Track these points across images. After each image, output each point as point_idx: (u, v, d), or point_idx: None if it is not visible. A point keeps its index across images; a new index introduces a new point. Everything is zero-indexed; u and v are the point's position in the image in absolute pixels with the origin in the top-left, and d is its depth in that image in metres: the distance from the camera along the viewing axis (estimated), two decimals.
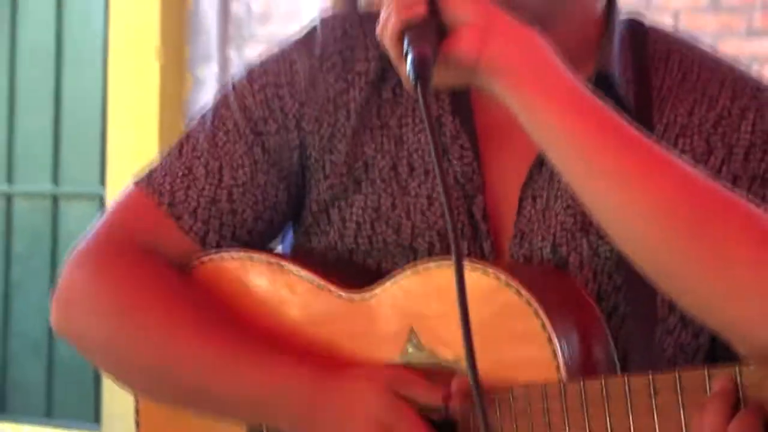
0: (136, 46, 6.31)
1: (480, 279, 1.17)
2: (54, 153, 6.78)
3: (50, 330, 5.33)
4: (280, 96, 1.35)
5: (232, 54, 6.32)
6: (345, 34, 1.36)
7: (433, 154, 1.10)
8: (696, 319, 1.16)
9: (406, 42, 1.10)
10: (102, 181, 6.50)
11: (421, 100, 1.08)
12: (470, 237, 1.29)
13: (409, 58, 1.09)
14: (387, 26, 1.13)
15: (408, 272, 1.23)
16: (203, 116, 1.39)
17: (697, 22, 5.47)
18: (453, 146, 1.30)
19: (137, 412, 1.40)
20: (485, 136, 1.30)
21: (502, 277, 1.17)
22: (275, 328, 1.28)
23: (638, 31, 1.36)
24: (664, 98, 1.32)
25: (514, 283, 1.16)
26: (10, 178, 6.91)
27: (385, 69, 1.30)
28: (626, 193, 1.10)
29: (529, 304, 1.15)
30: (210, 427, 1.35)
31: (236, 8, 6.34)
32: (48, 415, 6.72)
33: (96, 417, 6.30)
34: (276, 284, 1.31)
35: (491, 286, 1.17)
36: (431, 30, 1.12)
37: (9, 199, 6.92)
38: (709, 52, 1.38)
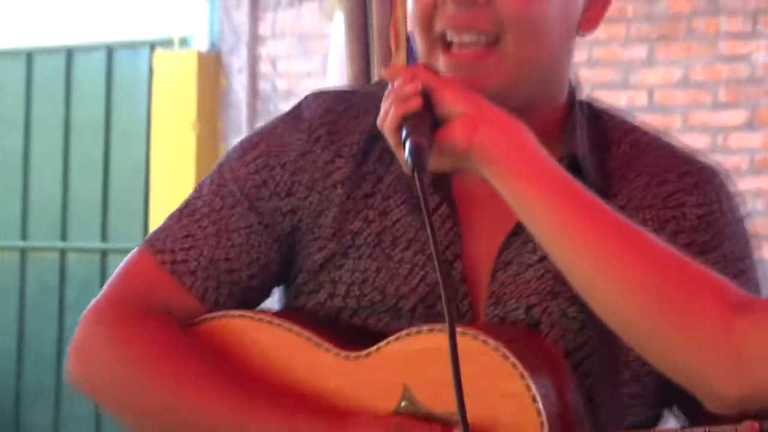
0: (175, 120, 6.36)
1: (469, 342, 1.13)
2: (103, 213, 6.79)
3: None
4: (271, 166, 1.31)
5: (259, 125, 6.44)
6: (331, 109, 1.34)
7: (430, 238, 1.07)
8: (666, 375, 1.11)
9: (404, 132, 1.10)
10: (145, 237, 6.52)
11: (418, 185, 1.07)
12: (454, 301, 1.26)
13: (407, 146, 1.08)
14: (387, 117, 1.13)
15: (403, 335, 1.19)
16: (201, 184, 1.37)
17: (670, 97, 5.50)
18: (434, 215, 1.24)
19: None
20: (463, 206, 1.28)
21: (490, 341, 1.14)
22: (277, 382, 1.24)
23: (594, 114, 1.34)
24: (622, 176, 1.30)
25: (501, 347, 1.13)
26: (64, 236, 6.89)
27: (368, 143, 1.29)
28: (601, 264, 1.08)
29: (515, 367, 1.12)
30: None
31: (263, 86, 6.42)
32: None
33: None
34: (276, 341, 1.26)
35: (480, 349, 1.14)
36: (426, 121, 1.11)
37: (63, 253, 6.91)
38: (656, 134, 1.36)
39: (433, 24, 1.23)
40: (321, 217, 1.30)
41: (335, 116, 1.32)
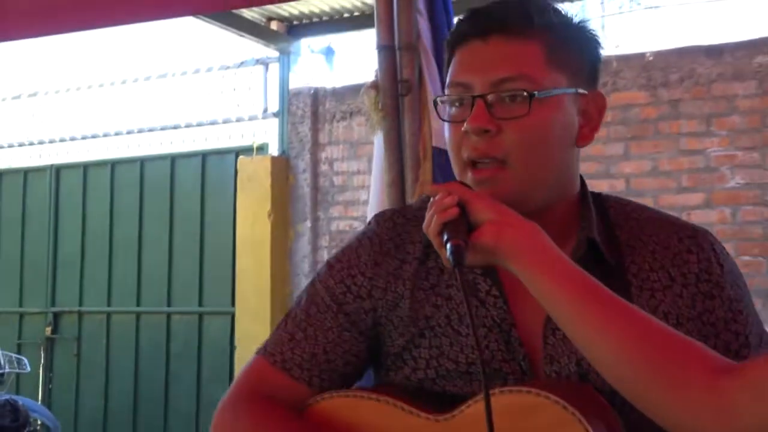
0: (254, 211, 6.37)
1: (534, 399, 1.11)
2: (199, 284, 6.78)
3: (198, 401, 5.59)
4: (353, 275, 1.30)
5: (321, 214, 6.35)
6: (395, 225, 1.32)
7: (468, 314, 1.08)
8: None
9: (445, 236, 1.09)
10: (233, 303, 6.45)
11: (458, 278, 1.07)
12: (511, 360, 1.23)
13: (448, 247, 1.08)
14: (430, 224, 1.12)
15: (479, 398, 1.15)
16: (299, 298, 1.35)
17: (642, 184, 5.46)
18: (488, 298, 1.24)
19: None
20: (510, 288, 1.24)
21: (551, 396, 1.10)
22: None
23: (601, 201, 1.32)
24: (632, 247, 1.26)
25: (560, 400, 1.10)
26: (169, 303, 6.89)
27: (427, 246, 1.25)
28: (602, 339, 1.04)
29: (574, 415, 1.09)
30: None
31: (323, 182, 6.40)
32: None
33: None
34: (374, 412, 1.22)
35: (543, 404, 1.10)
36: (462, 226, 1.10)
37: (168, 316, 6.88)
38: (652, 209, 1.34)
39: (462, 150, 1.22)
40: (396, 309, 1.28)
41: (398, 230, 1.32)
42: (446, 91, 1.27)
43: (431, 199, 1.16)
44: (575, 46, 1.25)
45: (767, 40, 5.32)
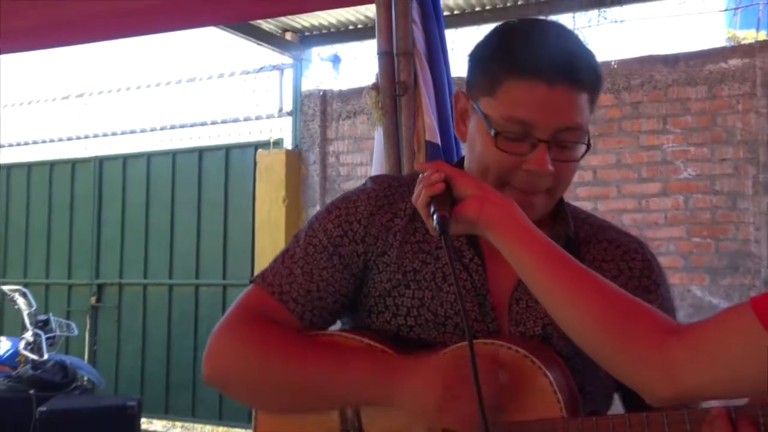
0: (271, 197, 6.39)
1: (507, 352, 1.10)
2: (223, 260, 6.79)
3: None
4: (350, 222, 1.26)
5: (328, 200, 6.02)
6: (390, 186, 1.29)
7: (453, 276, 1.08)
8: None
9: (432, 208, 1.08)
10: (252, 276, 6.45)
11: (444, 245, 1.06)
12: (482, 321, 1.21)
13: (435, 218, 1.07)
14: (419, 197, 1.11)
15: (455, 347, 1.15)
16: (297, 236, 1.30)
17: (608, 175, 5.44)
18: (471, 264, 1.23)
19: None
20: (491, 256, 1.21)
21: (521, 350, 1.10)
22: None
23: (566, 207, 1.31)
24: (588, 243, 1.27)
25: (529, 355, 1.09)
26: (197, 276, 6.90)
27: (415, 211, 1.20)
28: (566, 298, 1.03)
29: (539, 366, 1.08)
30: (305, 422, 1.23)
31: (330, 173, 6.41)
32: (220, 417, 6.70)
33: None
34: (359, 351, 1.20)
35: (512, 356, 1.10)
36: (447, 199, 1.09)
37: (197, 287, 6.91)
38: (600, 218, 1.34)
39: (509, 177, 1.18)
40: (384, 257, 1.25)
41: (392, 190, 1.29)
42: (499, 121, 1.16)
43: (420, 175, 1.14)
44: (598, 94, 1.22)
45: (717, 50, 5.34)
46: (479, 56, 1.24)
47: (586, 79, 1.16)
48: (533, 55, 1.15)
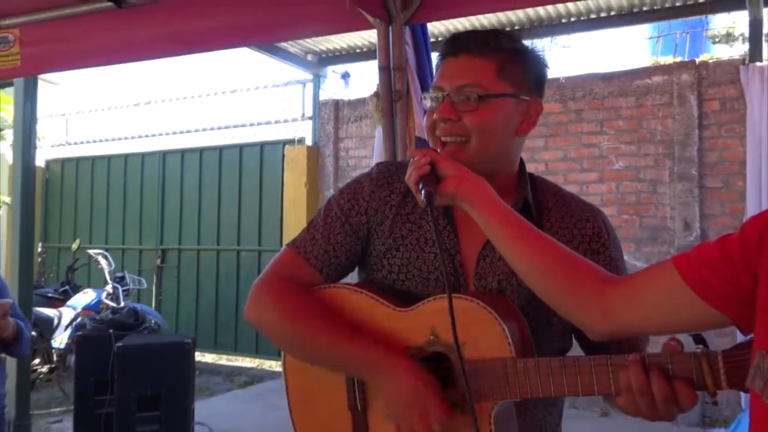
0: (296, 183, 6.38)
1: (467, 303, 1.06)
2: (259, 231, 6.73)
3: None
4: (356, 198, 1.24)
5: (340, 185, 6.14)
6: (388, 170, 1.26)
7: (436, 241, 1.11)
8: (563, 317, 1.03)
9: (420, 185, 1.06)
10: (281, 244, 6.29)
11: (430, 214, 1.05)
12: (454, 277, 1.18)
13: (423, 193, 1.05)
14: (410, 176, 1.09)
15: (431, 299, 1.11)
16: (319, 210, 1.28)
17: (557, 167, 5.35)
18: (445, 230, 1.20)
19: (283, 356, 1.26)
20: (461, 224, 1.20)
21: (478, 302, 1.06)
22: (362, 324, 1.13)
23: (532, 177, 1.26)
24: (549, 210, 1.23)
25: (486, 306, 1.05)
26: (239, 243, 6.83)
27: (408, 189, 1.21)
28: (523, 255, 1.02)
29: (495, 317, 1.04)
30: (321, 373, 1.18)
31: (341, 164, 6.38)
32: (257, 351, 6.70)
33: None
34: (359, 301, 1.16)
35: (473, 307, 1.06)
36: (432, 178, 1.07)
37: (238, 252, 6.84)
38: (566, 191, 1.28)
39: (435, 132, 1.18)
40: (382, 225, 1.23)
41: (390, 173, 1.26)
42: (429, 92, 1.20)
43: (411, 159, 1.12)
44: (521, 65, 1.17)
45: (642, 69, 5.29)
46: None
47: (484, 47, 1.16)
48: (449, 41, 1.20)
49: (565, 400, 1.26)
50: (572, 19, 5.47)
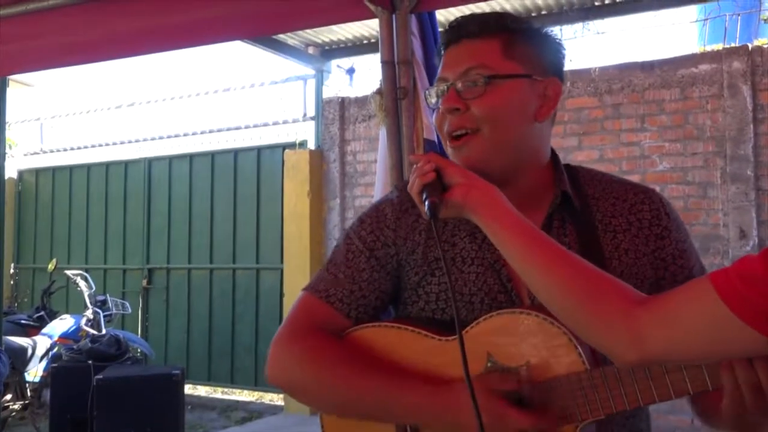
0: (297, 190, 6.36)
1: (528, 318, 1.07)
2: (256, 246, 6.75)
3: (256, 335, 5.63)
4: (380, 228, 1.24)
5: (347, 193, 6.34)
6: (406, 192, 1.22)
7: (441, 256, 1.06)
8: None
9: (424, 195, 1.06)
10: (281, 260, 6.40)
11: (434, 228, 1.04)
12: (504, 292, 1.17)
13: (426, 204, 1.05)
14: (413, 185, 1.08)
15: (480, 320, 1.10)
16: (337, 246, 1.27)
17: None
18: (483, 243, 1.19)
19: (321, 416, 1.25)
20: None
21: (540, 315, 1.06)
22: (407, 363, 1.13)
23: (571, 169, 1.26)
24: (597, 198, 1.22)
25: (548, 318, 1.05)
26: (234, 260, 6.87)
27: None
28: (541, 272, 1.00)
29: (560, 328, 1.04)
30: (367, 425, 1.18)
31: (348, 169, 6.38)
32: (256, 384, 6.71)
33: None
34: (398, 337, 1.16)
35: (535, 321, 1.06)
36: (438, 187, 1.06)
37: (233, 271, 6.87)
38: (613, 175, 1.28)
39: (444, 127, 1.18)
40: (413, 254, 1.22)
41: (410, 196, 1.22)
42: (434, 86, 1.22)
43: (413, 166, 1.11)
44: (532, 43, 1.18)
45: (688, 56, 5.27)
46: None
47: (486, 28, 1.17)
48: (449, 29, 1.21)
49: None
50: (606, 2, 5.44)
